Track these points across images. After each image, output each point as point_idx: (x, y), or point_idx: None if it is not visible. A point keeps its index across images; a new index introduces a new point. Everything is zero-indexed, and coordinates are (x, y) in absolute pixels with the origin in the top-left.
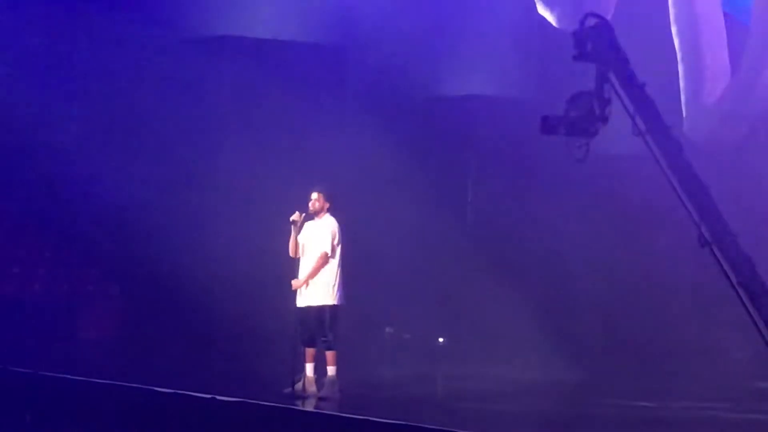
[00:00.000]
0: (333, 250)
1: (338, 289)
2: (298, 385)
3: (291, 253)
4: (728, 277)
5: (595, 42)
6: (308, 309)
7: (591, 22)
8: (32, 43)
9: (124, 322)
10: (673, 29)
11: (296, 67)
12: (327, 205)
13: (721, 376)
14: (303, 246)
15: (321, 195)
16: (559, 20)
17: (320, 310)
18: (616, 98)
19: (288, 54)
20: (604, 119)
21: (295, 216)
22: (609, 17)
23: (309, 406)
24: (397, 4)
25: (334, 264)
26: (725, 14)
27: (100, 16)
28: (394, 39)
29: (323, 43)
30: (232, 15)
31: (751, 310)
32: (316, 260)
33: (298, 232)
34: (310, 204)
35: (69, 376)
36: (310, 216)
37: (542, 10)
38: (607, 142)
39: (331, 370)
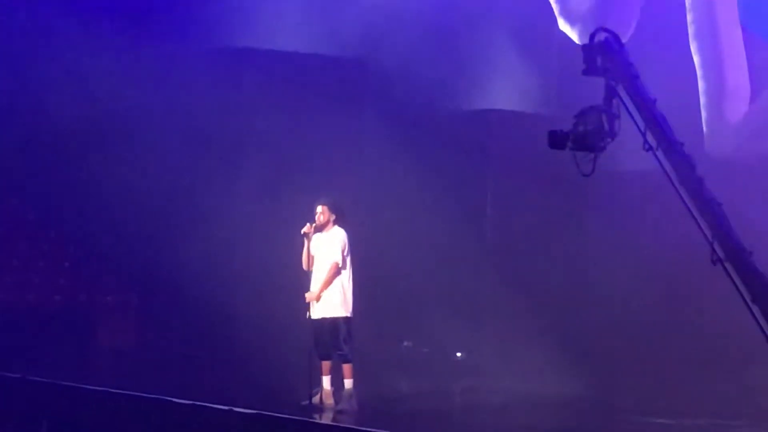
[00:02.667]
0: (343, 260)
1: (351, 301)
2: (316, 398)
3: (304, 266)
4: (741, 295)
5: (604, 57)
6: (322, 321)
7: (601, 36)
8: (50, 50)
9: (142, 332)
10: (693, 46)
11: (316, 79)
12: (333, 218)
13: (738, 393)
14: (313, 258)
15: (326, 207)
16: (580, 37)
17: (334, 322)
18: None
19: (308, 66)
20: (613, 134)
21: (306, 228)
22: (630, 34)
23: (326, 419)
24: (417, 19)
25: (345, 275)
26: (742, 28)
27: (121, 26)
28: (414, 52)
29: (343, 56)
30: (254, 27)
31: (765, 328)
32: (327, 272)
33: (310, 243)
34: (315, 217)
35: (87, 386)
36: (319, 228)
37: (564, 26)
38: (626, 157)
39: (348, 383)
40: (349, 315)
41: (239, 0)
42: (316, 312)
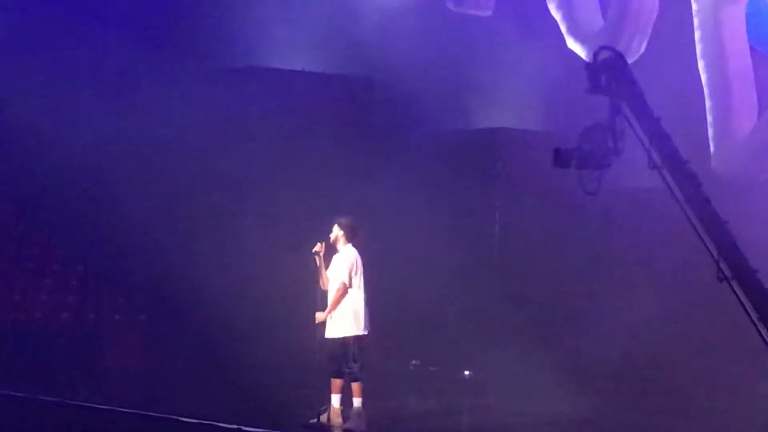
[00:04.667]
0: (350, 280)
1: (363, 319)
2: (324, 416)
3: (321, 285)
4: (748, 313)
5: (608, 75)
6: (333, 340)
7: (604, 55)
8: (59, 70)
9: (150, 351)
10: (700, 64)
11: (324, 98)
12: (341, 234)
13: (745, 411)
14: (328, 278)
15: (335, 226)
16: (590, 55)
17: (344, 340)
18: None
19: (316, 85)
20: (617, 152)
21: (317, 247)
22: (640, 53)
23: None
24: (424, 37)
25: (355, 294)
26: (750, 47)
27: (127, 46)
28: (421, 71)
29: (351, 75)
30: (260, 46)
31: None
32: (334, 292)
33: (324, 263)
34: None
35: (95, 405)
36: (330, 247)
37: (572, 45)
38: (632, 175)
39: (356, 401)
40: (359, 334)
41: (245, 20)
42: (328, 331)
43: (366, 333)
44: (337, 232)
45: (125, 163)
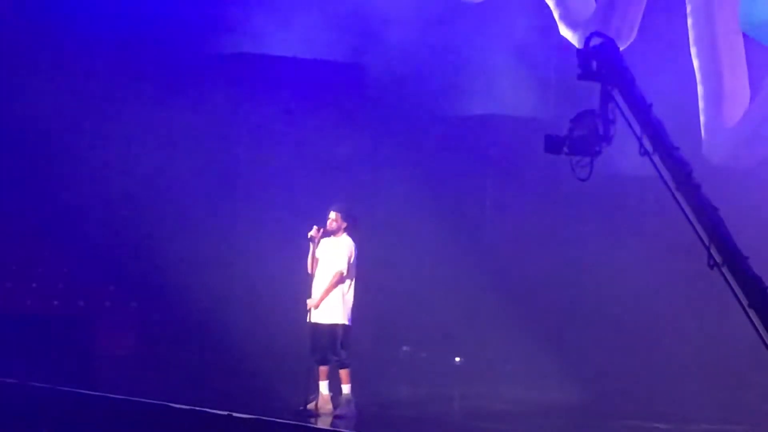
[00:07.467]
0: (348, 269)
1: (350, 309)
2: (313, 404)
3: (309, 269)
4: (739, 300)
5: (599, 61)
6: (320, 326)
7: (596, 41)
8: (51, 59)
9: (141, 338)
10: (693, 51)
11: (317, 85)
12: (344, 225)
13: (736, 398)
14: (318, 262)
15: (338, 214)
16: (581, 42)
17: (332, 327)
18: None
19: (309, 72)
20: (608, 139)
21: (313, 231)
22: (631, 39)
23: (324, 424)
24: (418, 25)
25: (347, 283)
26: (743, 35)
27: (118, 31)
28: (413, 58)
29: (344, 62)
30: (254, 33)
31: (763, 333)
32: (330, 278)
33: (317, 247)
34: (327, 223)
35: (86, 392)
36: (328, 233)
37: (565, 32)
38: (623, 161)
39: (345, 388)
40: (347, 322)
41: (235, 5)
42: (315, 317)
43: (350, 324)
44: (339, 220)
45: (114, 151)
